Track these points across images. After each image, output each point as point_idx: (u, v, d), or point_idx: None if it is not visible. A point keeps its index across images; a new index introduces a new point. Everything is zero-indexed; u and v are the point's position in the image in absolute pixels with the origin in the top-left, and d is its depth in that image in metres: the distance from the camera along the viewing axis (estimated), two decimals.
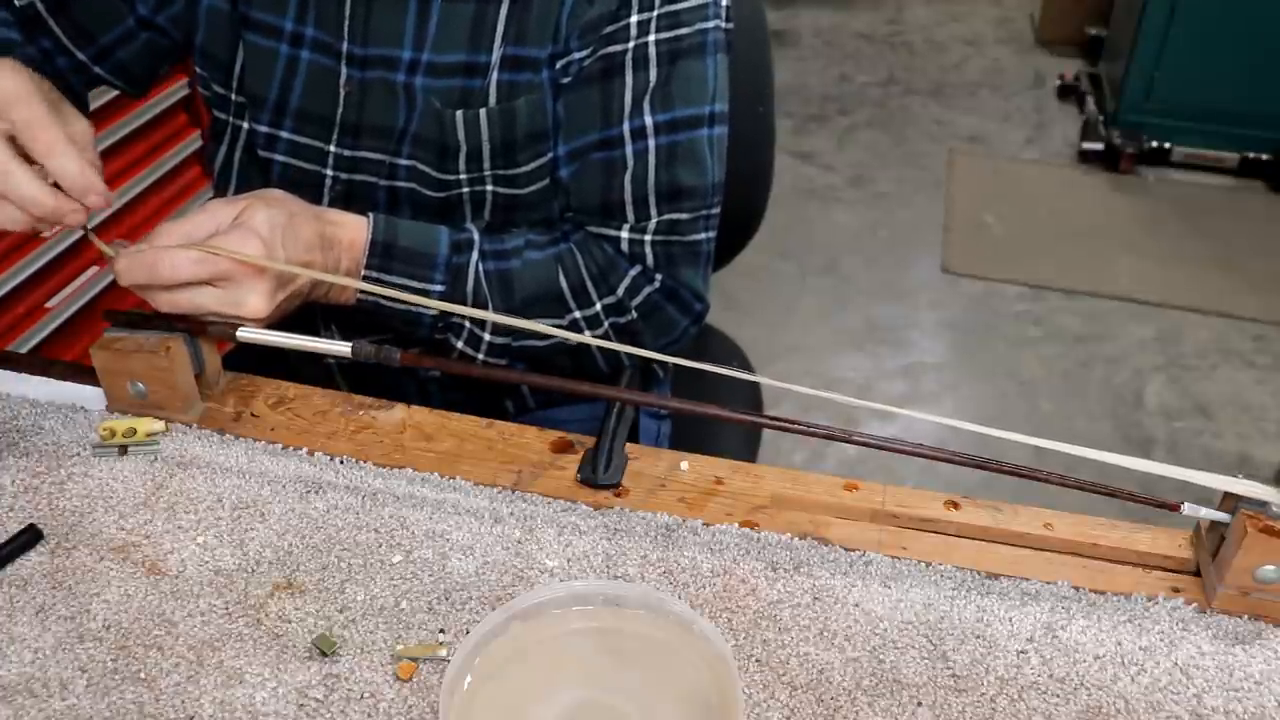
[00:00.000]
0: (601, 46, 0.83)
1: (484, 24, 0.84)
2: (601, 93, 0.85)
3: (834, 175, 3.07)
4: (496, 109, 0.85)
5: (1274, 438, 2.13)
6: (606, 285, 0.88)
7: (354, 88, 0.87)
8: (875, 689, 0.59)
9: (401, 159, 0.88)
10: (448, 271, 0.84)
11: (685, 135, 0.86)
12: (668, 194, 0.86)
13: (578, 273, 0.87)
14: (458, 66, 0.85)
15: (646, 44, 0.83)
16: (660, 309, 0.90)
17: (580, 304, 0.88)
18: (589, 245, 0.88)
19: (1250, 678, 0.60)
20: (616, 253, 0.88)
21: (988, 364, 2.35)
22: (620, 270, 0.88)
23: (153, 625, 0.62)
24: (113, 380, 0.76)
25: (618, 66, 0.84)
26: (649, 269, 0.88)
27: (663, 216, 0.87)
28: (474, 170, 0.88)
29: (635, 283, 0.88)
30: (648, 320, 0.89)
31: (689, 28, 0.84)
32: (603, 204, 0.87)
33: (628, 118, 0.85)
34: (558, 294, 0.87)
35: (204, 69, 0.93)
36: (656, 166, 0.86)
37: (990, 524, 0.70)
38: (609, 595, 0.61)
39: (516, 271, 0.86)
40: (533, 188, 0.89)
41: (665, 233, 0.87)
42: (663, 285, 0.89)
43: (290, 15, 0.87)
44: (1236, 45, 2.86)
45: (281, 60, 0.88)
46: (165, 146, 1.70)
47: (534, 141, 0.87)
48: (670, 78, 0.84)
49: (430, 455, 0.76)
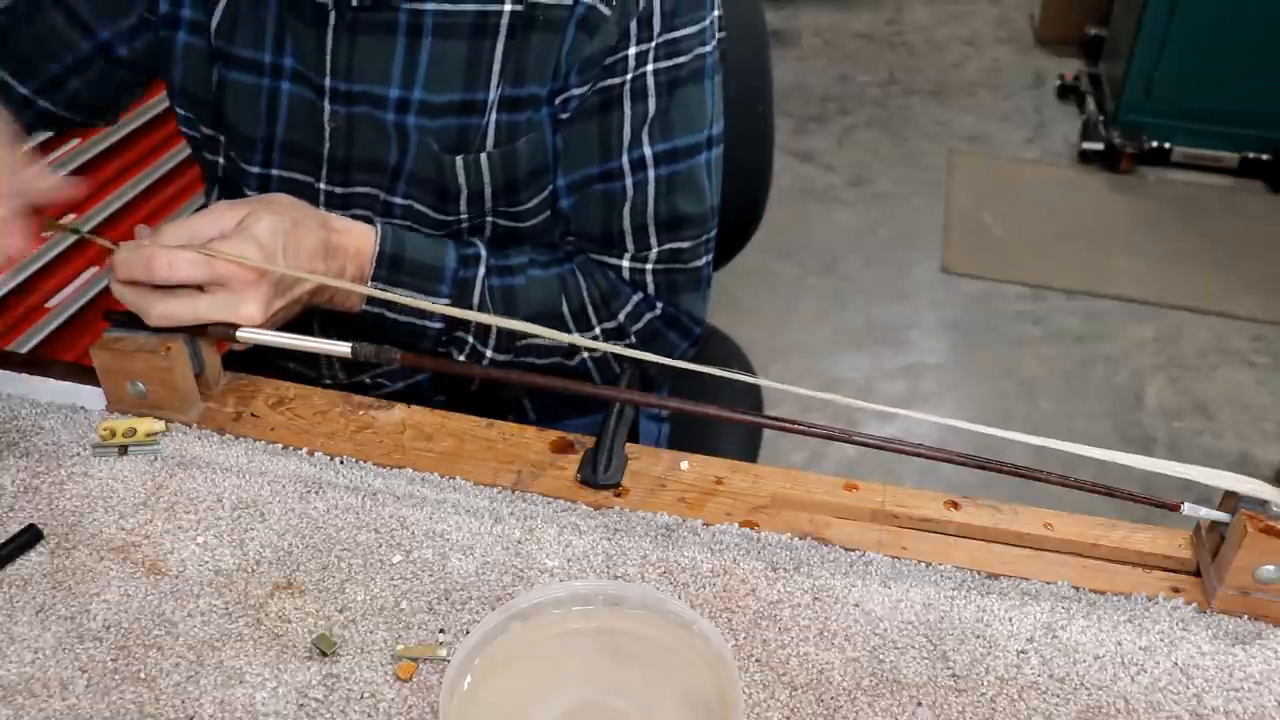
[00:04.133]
0: (600, 79, 0.83)
1: (479, 62, 0.82)
2: (600, 125, 0.84)
3: (834, 175, 3.07)
4: (497, 153, 0.84)
5: (1274, 438, 2.13)
6: (608, 311, 0.88)
7: (341, 122, 0.85)
8: (875, 689, 0.59)
9: (397, 197, 0.87)
10: (454, 285, 0.84)
11: (685, 164, 0.86)
12: (668, 224, 0.86)
13: (579, 296, 0.88)
14: (453, 106, 0.83)
15: (644, 74, 0.83)
16: (660, 335, 0.90)
17: (580, 327, 0.88)
18: (591, 270, 0.89)
19: (1250, 678, 0.60)
20: (619, 279, 0.88)
21: (988, 364, 2.35)
22: (623, 297, 0.88)
23: (153, 625, 0.62)
24: (113, 380, 0.76)
25: (616, 99, 0.83)
26: (650, 296, 0.89)
27: (663, 246, 0.87)
28: (475, 212, 0.88)
29: (637, 309, 0.88)
30: (646, 345, 0.89)
31: (687, 55, 0.84)
32: (603, 234, 0.87)
33: (627, 149, 0.84)
34: (558, 315, 0.87)
35: (188, 109, 0.91)
36: (656, 197, 0.86)
37: (990, 524, 0.70)
38: (609, 595, 0.61)
39: (520, 289, 0.86)
40: (535, 221, 0.89)
41: (667, 261, 0.88)
42: (664, 312, 0.89)
43: (268, 47, 0.85)
44: (1236, 45, 2.86)
45: (264, 95, 0.86)
46: (165, 147, 1.70)
47: (536, 178, 0.87)
48: (669, 107, 0.84)
49: (430, 455, 0.76)
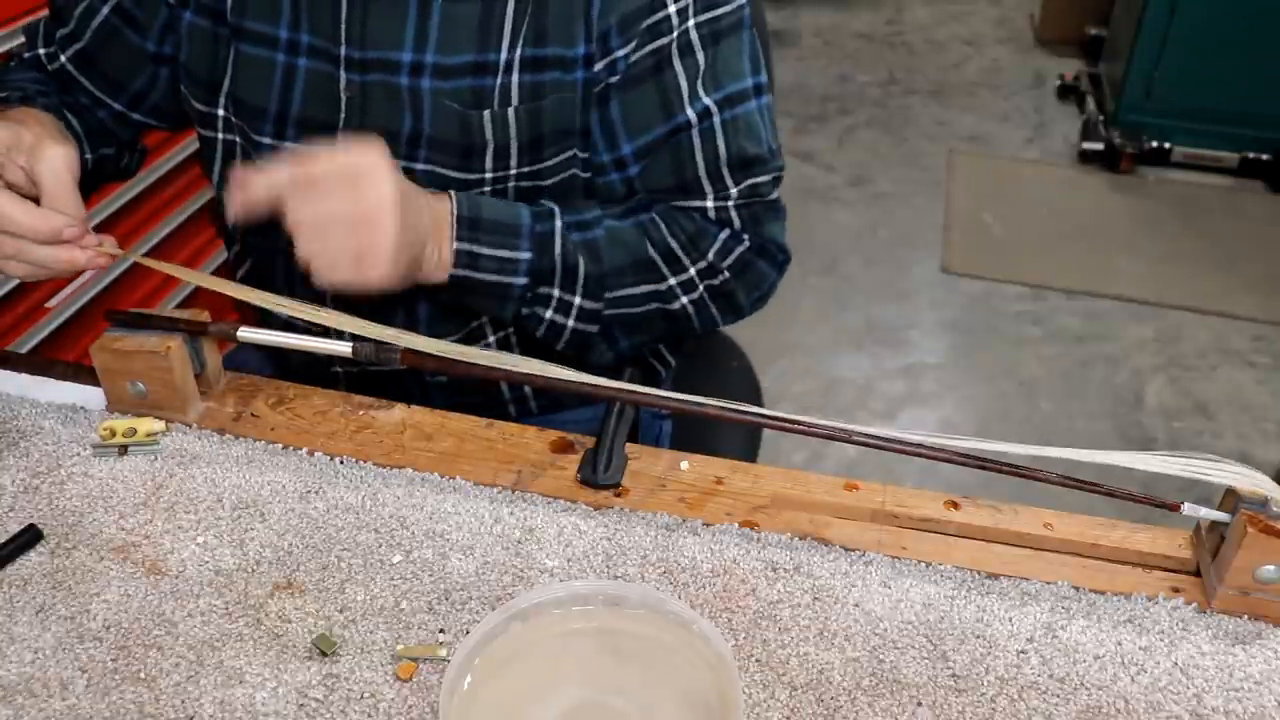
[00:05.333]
0: (646, 41, 0.85)
1: (490, 23, 0.84)
2: (657, 86, 0.87)
3: (834, 175, 3.07)
4: (524, 108, 0.86)
5: (1274, 438, 2.13)
6: (698, 251, 0.90)
7: (355, 91, 0.87)
8: (875, 689, 0.59)
9: (418, 163, 0.88)
10: (533, 240, 0.85)
11: (740, 109, 0.89)
12: (740, 164, 0.89)
13: (664, 241, 0.89)
14: (466, 67, 0.85)
15: (688, 30, 0.86)
16: (751, 266, 0.92)
17: (673, 270, 0.89)
18: (674, 216, 0.90)
19: (1250, 678, 0.60)
20: (704, 220, 0.90)
21: (988, 364, 2.35)
22: (710, 236, 0.90)
23: (153, 625, 0.62)
24: (113, 380, 0.76)
25: (666, 58, 0.86)
26: (737, 231, 0.90)
27: (741, 184, 0.89)
28: (500, 168, 0.89)
29: (726, 245, 0.90)
30: (740, 278, 0.92)
31: (725, 7, 0.87)
32: (679, 184, 0.90)
33: (689, 103, 0.87)
34: (648, 260, 0.89)
35: (187, 86, 0.93)
36: (725, 141, 0.88)
37: (990, 524, 0.70)
38: (609, 595, 0.61)
39: (601, 239, 0.88)
40: (555, 179, 0.91)
41: (748, 196, 0.90)
42: (751, 244, 0.91)
43: (284, 23, 0.87)
44: (1236, 45, 2.86)
45: (279, 69, 0.88)
46: (165, 147, 1.70)
47: (561, 137, 0.88)
48: (715, 59, 0.87)
49: (430, 455, 0.76)
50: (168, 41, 0.93)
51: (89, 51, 0.94)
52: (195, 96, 0.93)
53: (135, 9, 0.92)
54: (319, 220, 0.70)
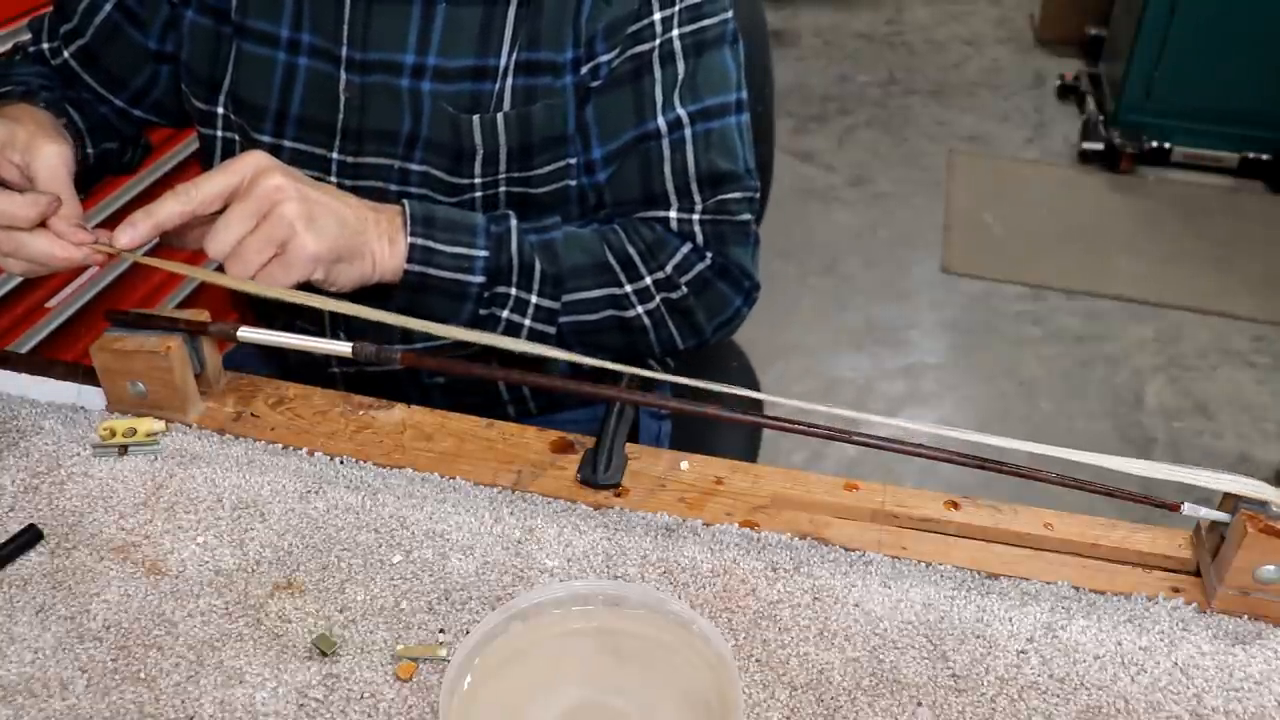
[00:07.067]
0: (629, 47, 0.85)
1: (492, 27, 0.84)
2: (633, 92, 0.86)
3: (834, 175, 3.07)
4: (513, 114, 0.86)
5: (1274, 438, 2.13)
6: (655, 261, 0.88)
7: (355, 93, 0.87)
8: (875, 689, 0.59)
9: (414, 164, 0.88)
10: (489, 238, 0.84)
11: (717, 123, 0.88)
12: (709, 179, 0.88)
13: (623, 248, 0.88)
14: (466, 71, 0.85)
15: (671, 39, 0.85)
16: (711, 286, 0.90)
17: (629, 277, 0.88)
18: (635, 225, 0.89)
19: (1250, 678, 0.60)
20: (666, 231, 0.89)
21: (988, 364, 2.35)
22: (670, 248, 0.88)
23: (153, 625, 0.62)
24: (113, 380, 0.76)
25: (646, 65, 0.85)
26: (699, 247, 0.89)
27: (708, 199, 0.88)
28: (489, 174, 0.88)
29: (686, 259, 0.88)
30: (700, 297, 0.90)
31: (711, 19, 0.86)
32: (645, 195, 0.88)
33: (661, 111, 0.86)
34: (604, 264, 0.87)
35: (187, 84, 0.94)
36: (695, 154, 0.87)
37: (990, 524, 0.70)
38: (609, 595, 0.61)
39: (559, 240, 0.86)
40: (547, 189, 0.90)
41: (714, 212, 0.89)
42: (713, 262, 0.89)
43: (286, 22, 0.87)
44: (1236, 45, 2.86)
45: (279, 68, 0.88)
46: (165, 147, 1.70)
47: (551, 145, 0.88)
48: (696, 70, 0.86)
49: (430, 455, 0.76)
50: (169, 39, 0.93)
51: (91, 47, 0.95)
52: (195, 95, 0.93)
53: (137, 6, 0.92)
54: (232, 249, 0.73)
